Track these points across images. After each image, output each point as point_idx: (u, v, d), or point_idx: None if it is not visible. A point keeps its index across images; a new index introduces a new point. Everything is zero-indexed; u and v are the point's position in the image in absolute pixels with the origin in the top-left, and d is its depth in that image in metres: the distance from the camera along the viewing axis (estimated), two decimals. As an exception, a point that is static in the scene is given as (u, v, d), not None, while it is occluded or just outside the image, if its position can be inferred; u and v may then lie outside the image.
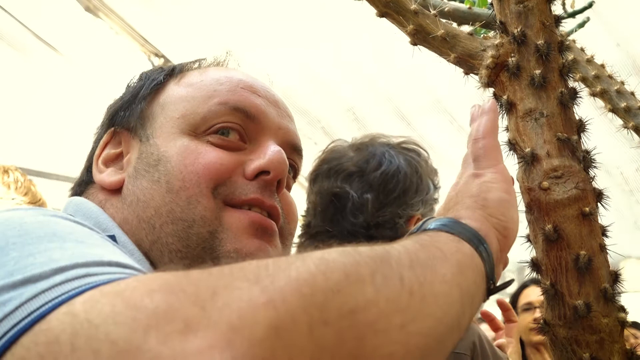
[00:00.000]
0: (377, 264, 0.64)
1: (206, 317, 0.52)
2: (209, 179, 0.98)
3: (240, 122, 1.04)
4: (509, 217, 0.92)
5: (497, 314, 2.41)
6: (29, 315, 0.57)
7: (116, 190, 1.04)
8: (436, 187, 1.91)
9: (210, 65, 1.16)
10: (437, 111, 4.81)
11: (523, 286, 3.86)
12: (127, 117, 1.10)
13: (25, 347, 0.54)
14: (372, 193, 1.77)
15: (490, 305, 1.93)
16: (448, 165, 5.28)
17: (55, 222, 0.74)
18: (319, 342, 0.54)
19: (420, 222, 0.88)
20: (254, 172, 1.01)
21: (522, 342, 3.83)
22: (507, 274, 8.42)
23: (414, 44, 1.17)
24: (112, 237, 0.90)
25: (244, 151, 1.03)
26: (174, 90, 1.08)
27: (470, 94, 1.12)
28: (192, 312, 0.52)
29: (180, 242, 0.95)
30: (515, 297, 3.86)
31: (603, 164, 1.10)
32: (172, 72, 1.13)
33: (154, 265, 0.96)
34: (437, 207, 1.88)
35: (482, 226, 0.86)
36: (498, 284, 0.89)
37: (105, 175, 1.06)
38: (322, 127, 5.14)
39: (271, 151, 1.03)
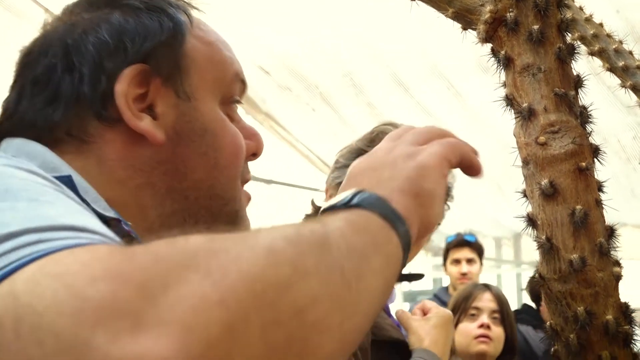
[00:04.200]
0: (320, 253, 0.62)
1: (157, 313, 0.49)
2: (242, 161, 0.97)
3: (240, 96, 1.02)
4: (434, 212, 0.87)
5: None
6: None
7: (139, 144, 0.91)
8: None
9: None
10: (435, 77, 4.79)
11: None
12: (159, 61, 0.93)
13: None
14: None
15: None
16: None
17: (9, 175, 0.69)
18: (271, 344, 0.52)
19: (350, 193, 0.80)
20: (250, 154, 1.01)
21: (538, 299, 3.83)
22: (503, 241, 8.46)
23: (412, -1, 1.16)
24: (68, 178, 0.81)
25: None
26: (196, 46, 0.97)
27: (467, 60, 1.11)
28: (140, 306, 0.49)
29: (212, 217, 0.94)
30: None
31: (600, 131, 1.10)
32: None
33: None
34: None
35: (410, 216, 0.81)
36: (407, 273, 0.87)
37: (150, 126, 0.90)
38: (320, 92, 5.13)
39: (258, 135, 1.03)
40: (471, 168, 0.88)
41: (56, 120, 0.89)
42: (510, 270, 8.74)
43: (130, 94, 0.90)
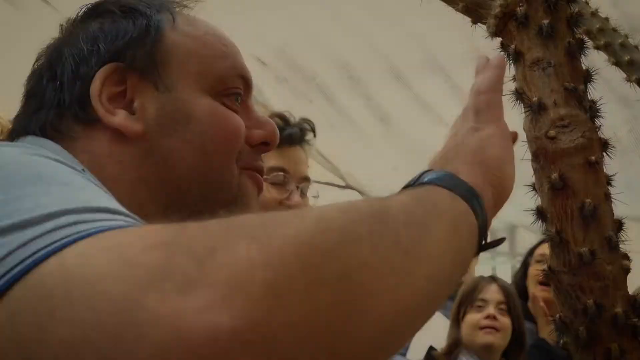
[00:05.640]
0: (375, 222, 0.64)
1: (204, 274, 0.51)
2: (236, 145, 0.96)
3: (242, 89, 1.02)
4: (506, 174, 0.92)
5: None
6: (21, 262, 0.55)
7: (123, 140, 0.93)
8: None
9: (181, 9, 1.06)
10: (433, 69, 4.79)
11: (543, 241, 3.82)
12: (133, 56, 0.96)
13: (17, 300, 0.53)
14: None
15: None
16: (442, 124, 5.28)
17: (38, 162, 0.71)
18: (315, 304, 0.53)
19: (417, 174, 0.86)
20: (258, 141, 1.01)
21: (525, 295, 3.84)
22: (498, 233, 8.49)
23: (423, -9, 1.16)
24: (82, 172, 0.83)
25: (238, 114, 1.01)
26: (177, 39, 0.99)
27: (466, 53, 1.12)
28: (189, 269, 0.52)
29: (208, 204, 0.94)
30: (532, 250, 3.88)
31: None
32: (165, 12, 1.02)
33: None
34: None
35: (478, 182, 0.85)
36: (489, 240, 0.89)
37: (124, 120, 0.93)
38: (317, 84, 5.13)
39: (270, 124, 1.03)
40: None
41: (43, 123, 0.93)
42: (505, 262, 8.76)
43: (106, 92, 0.94)
